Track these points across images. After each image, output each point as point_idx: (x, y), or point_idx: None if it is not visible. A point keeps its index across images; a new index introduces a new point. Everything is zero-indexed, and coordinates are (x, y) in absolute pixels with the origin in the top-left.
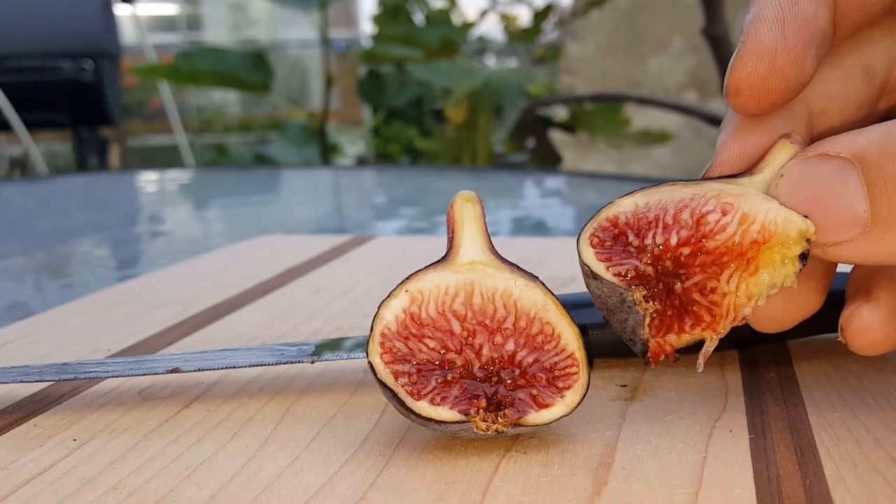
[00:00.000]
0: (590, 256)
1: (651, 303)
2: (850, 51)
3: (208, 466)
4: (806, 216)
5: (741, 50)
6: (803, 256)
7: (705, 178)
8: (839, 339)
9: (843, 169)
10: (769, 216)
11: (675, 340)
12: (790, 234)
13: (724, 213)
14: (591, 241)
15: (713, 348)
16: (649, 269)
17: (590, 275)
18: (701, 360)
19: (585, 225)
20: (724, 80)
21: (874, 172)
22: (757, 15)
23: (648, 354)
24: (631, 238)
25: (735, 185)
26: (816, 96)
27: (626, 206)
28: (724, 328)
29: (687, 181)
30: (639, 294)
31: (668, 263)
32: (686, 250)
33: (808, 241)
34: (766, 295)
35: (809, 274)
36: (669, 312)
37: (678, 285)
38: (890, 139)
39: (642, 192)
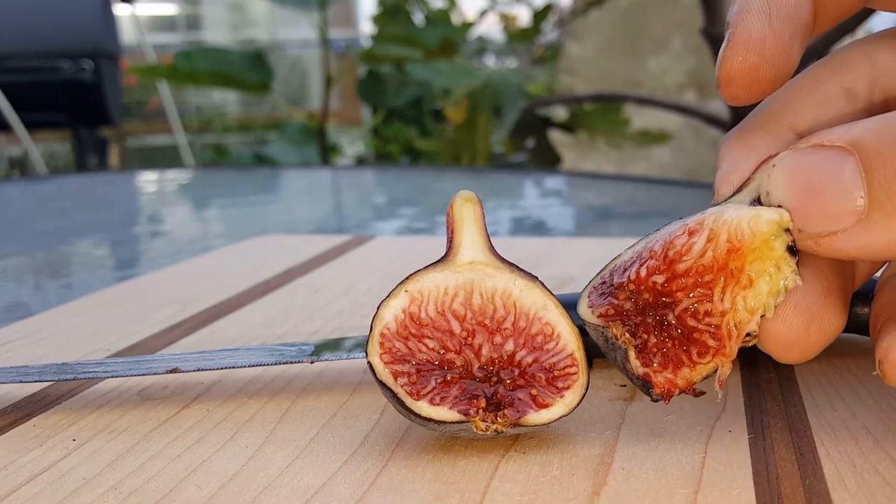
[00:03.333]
0: (583, 306)
1: (627, 335)
2: (830, 76)
3: (208, 466)
4: (780, 206)
5: (731, 41)
6: (791, 250)
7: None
8: (874, 374)
9: (838, 156)
10: (734, 221)
11: (688, 374)
12: (762, 228)
13: (691, 234)
14: (590, 292)
15: (728, 373)
16: (627, 304)
17: (584, 323)
18: (717, 387)
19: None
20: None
21: (872, 157)
22: (743, 6)
23: (656, 391)
24: (614, 280)
25: (719, 206)
26: (801, 120)
27: (625, 256)
28: (731, 350)
29: (684, 218)
30: (616, 329)
31: (646, 296)
32: (660, 279)
33: (788, 231)
34: (774, 305)
35: (828, 291)
36: (669, 345)
37: (670, 316)
38: (886, 124)
39: (642, 240)
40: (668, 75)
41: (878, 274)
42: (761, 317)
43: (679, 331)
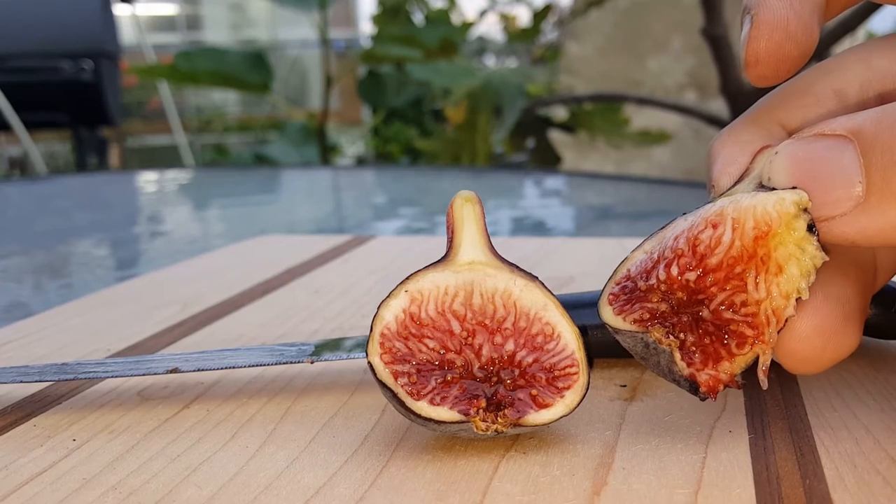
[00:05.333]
0: (608, 314)
1: (671, 337)
2: (821, 78)
3: (208, 466)
4: (795, 187)
5: (755, 22)
6: (811, 228)
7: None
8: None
9: (839, 143)
10: (758, 207)
11: (729, 367)
12: (789, 210)
13: (715, 227)
14: (609, 300)
15: (769, 361)
16: (662, 306)
17: (613, 332)
18: (762, 376)
19: (605, 286)
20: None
21: (870, 143)
22: None
23: (702, 390)
24: (640, 284)
25: (726, 197)
26: (792, 119)
27: (636, 258)
28: (770, 337)
29: (686, 214)
30: (657, 333)
31: (680, 295)
32: (692, 275)
33: (806, 211)
34: (807, 287)
35: (848, 315)
36: (707, 341)
37: (705, 312)
38: (886, 114)
39: (650, 238)
40: (668, 75)
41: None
42: (797, 300)
43: (715, 325)
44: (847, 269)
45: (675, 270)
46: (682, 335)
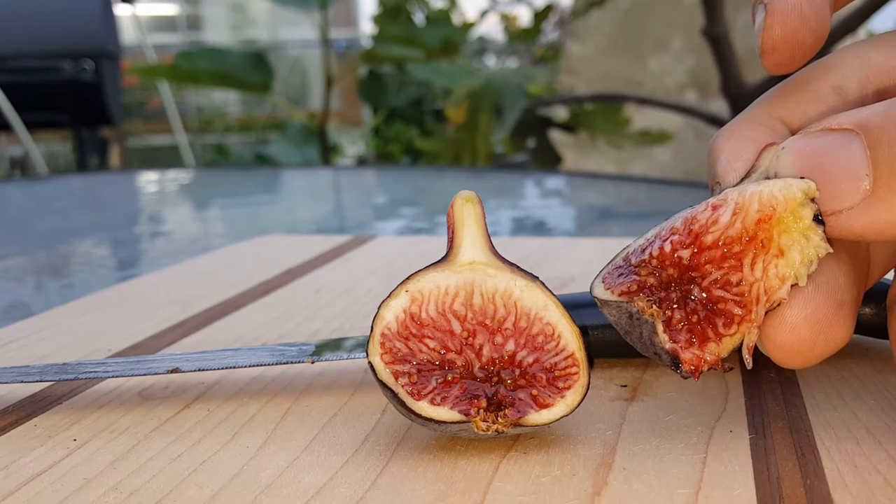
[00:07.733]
0: (599, 291)
1: (655, 307)
2: (820, 75)
3: (209, 466)
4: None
5: (769, 10)
6: (818, 219)
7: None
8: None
9: (846, 137)
10: (765, 192)
11: (715, 349)
12: (795, 196)
13: (715, 209)
14: (603, 278)
15: (755, 340)
16: (651, 280)
17: (600, 305)
18: (746, 355)
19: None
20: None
21: (877, 136)
22: None
23: (684, 367)
24: (632, 260)
25: (736, 187)
26: (793, 115)
27: (635, 244)
28: (757, 314)
29: (693, 205)
30: (641, 302)
31: (671, 271)
32: (686, 253)
33: (813, 201)
34: (806, 274)
35: (840, 304)
36: (695, 318)
37: (696, 290)
38: (893, 108)
39: (652, 231)
40: (669, 75)
41: (888, 276)
42: (792, 286)
43: (705, 304)
44: (840, 258)
45: (668, 247)
46: (668, 312)
